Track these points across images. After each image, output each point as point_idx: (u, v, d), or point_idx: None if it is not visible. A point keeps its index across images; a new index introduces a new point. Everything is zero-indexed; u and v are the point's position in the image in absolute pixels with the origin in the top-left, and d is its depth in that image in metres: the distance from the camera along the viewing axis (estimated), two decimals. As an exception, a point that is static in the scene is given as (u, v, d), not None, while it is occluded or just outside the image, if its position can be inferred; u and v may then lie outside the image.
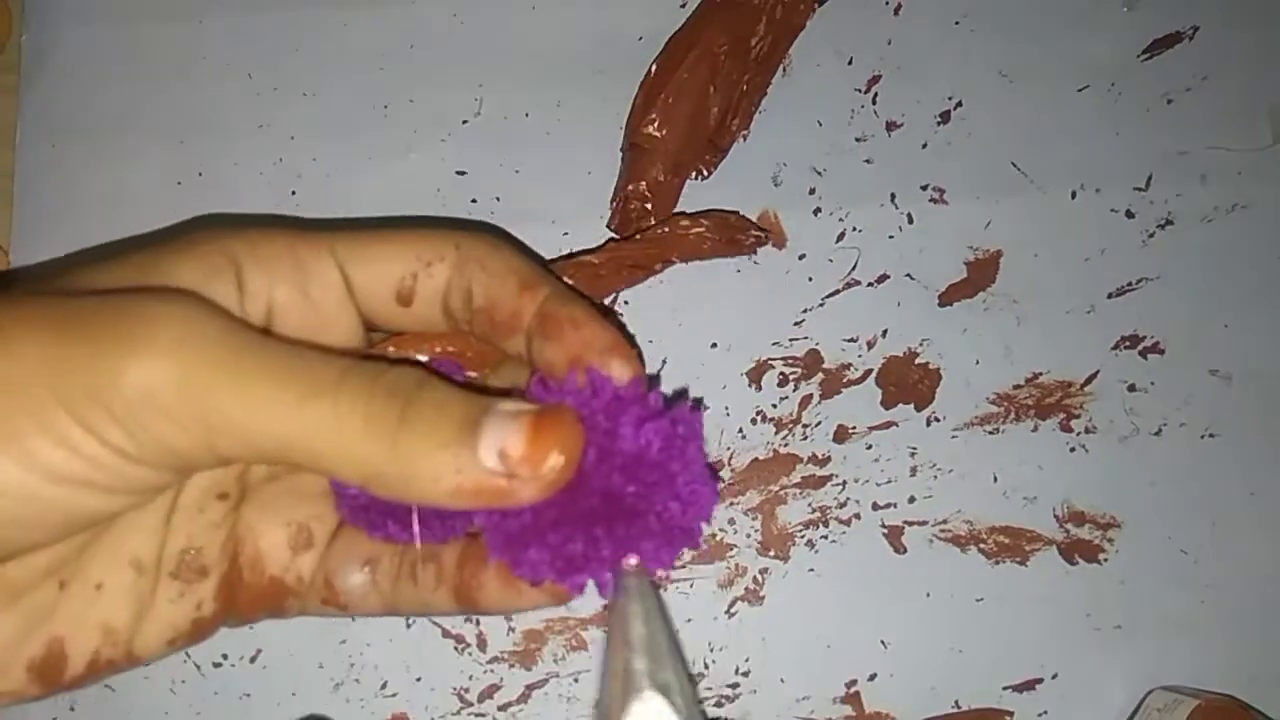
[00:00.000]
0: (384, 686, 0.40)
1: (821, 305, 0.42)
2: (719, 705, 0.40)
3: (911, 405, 0.41)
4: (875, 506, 0.41)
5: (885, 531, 0.41)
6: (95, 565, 0.24)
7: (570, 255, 0.41)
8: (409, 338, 0.29)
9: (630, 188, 0.40)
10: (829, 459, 0.41)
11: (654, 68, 0.41)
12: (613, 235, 0.41)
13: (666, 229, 0.40)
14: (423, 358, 0.29)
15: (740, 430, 0.41)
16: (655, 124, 0.40)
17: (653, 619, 0.23)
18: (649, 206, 0.40)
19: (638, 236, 0.40)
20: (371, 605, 0.28)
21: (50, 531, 0.22)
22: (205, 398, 0.21)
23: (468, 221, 0.42)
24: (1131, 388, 0.42)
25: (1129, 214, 0.42)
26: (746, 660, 0.40)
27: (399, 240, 0.27)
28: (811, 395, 0.41)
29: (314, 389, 0.22)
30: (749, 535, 0.41)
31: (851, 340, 0.42)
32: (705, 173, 0.42)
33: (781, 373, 0.42)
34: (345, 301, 0.26)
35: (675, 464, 0.24)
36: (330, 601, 0.28)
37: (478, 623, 0.40)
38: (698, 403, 0.41)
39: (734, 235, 0.40)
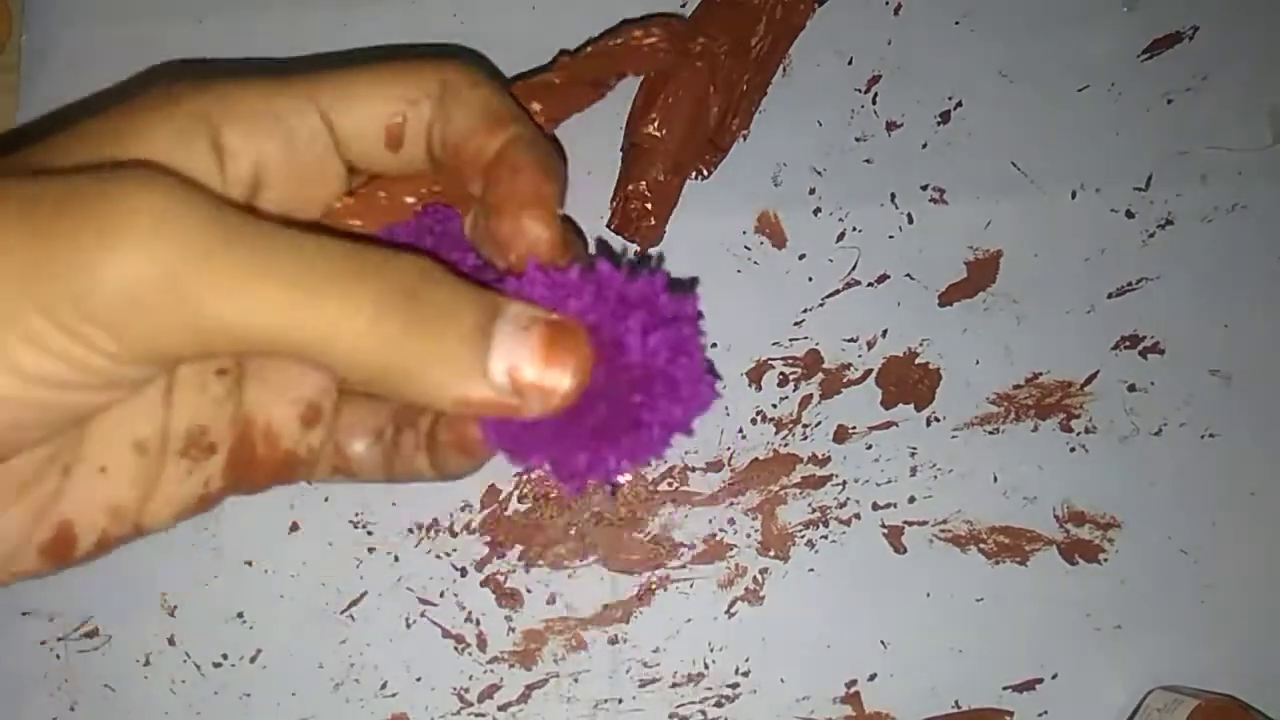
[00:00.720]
0: (384, 686, 0.40)
1: (821, 305, 0.42)
2: (719, 705, 0.40)
3: (911, 405, 0.41)
4: (875, 506, 0.41)
5: (885, 531, 0.41)
6: (98, 449, 0.23)
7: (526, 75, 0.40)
8: (394, 181, 0.28)
9: (630, 187, 0.40)
10: (829, 459, 0.41)
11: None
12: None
13: (619, 40, 0.39)
14: (410, 199, 0.28)
15: (740, 430, 0.41)
16: (655, 124, 0.40)
17: None
18: (649, 206, 0.40)
19: (588, 49, 0.39)
20: (375, 472, 0.28)
21: (45, 430, 0.21)
22: (193, 297, 0.20)
23: (451, 49, 0.41)
24: (1132, 388, 0.42)
25: (1129, 214, 0.42)
26: (746, 660, 0.40)
27: (385, 79, 0.25)
28: (811, 395, 0.41)
29: (313, 285, 0.20)
30: (749, 535, 0.41)
31: (851, 340, 0.42)
32: (705, 172, 0.42)
33: (781, 373, 0.42)
34: (331, 150, 0.25)
35: (680, 371, 0.24)
36: (341, 469, 0.27)
37: (478, 623, 0.40)
38: (694, 283, 0.41)
39: (685, 45, 0.39)
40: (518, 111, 0.26)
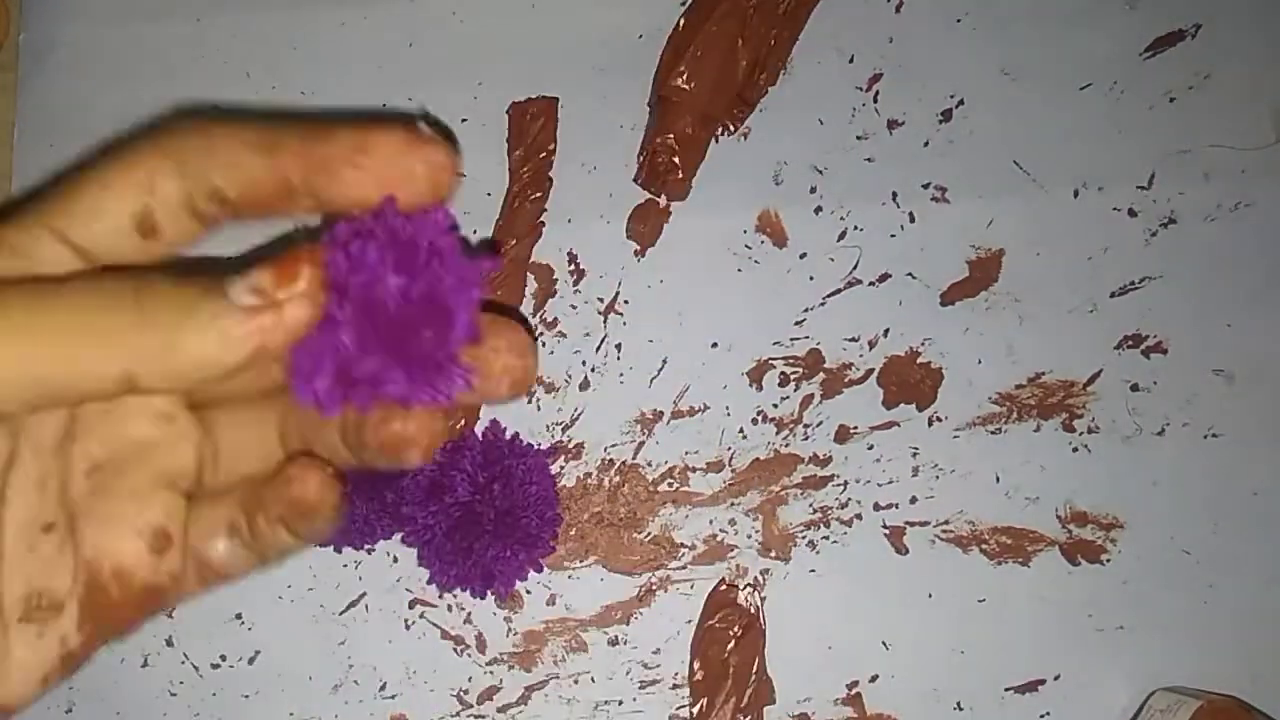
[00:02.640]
0: (383, 688, 0.40)
1: (823, 304, 0.42)
2: (720, 706, 0.40)
3: (913, 405, 0.41)
4: (877, 507, 0.41)
5: (887, 532, 0.41)
6: None
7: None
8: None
9: (658, 140, 0.40)
10: (830, 459, 0.41)
11: (682, 21, 0.41)
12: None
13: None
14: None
15: (741, 430, 0.41)
16: (684, 76, 0.40)
17: None
18: (676, 160, 0.40)
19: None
20: (246, 564, 0.27)
21: None
22: None
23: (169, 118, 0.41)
24: (1134, 387, 0.41)
25: (1131, 212, 0.42)
26: (747, 661, 0.40)
27: (103, 182, 0.24)
28: (813, 395, 0.41)
29: (38, 296, 0.21)
30: (750, 536, 0.41)
31: (853, 339, 0.41)
32: (732, 127, 0.42)
33: (782, 372, 0.41)
34: (81, 265, 0.24)
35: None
36: (208, 578, 0.27)
37: (477, 624, 0.40)
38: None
39: None
40: (275, 127, 0.25)
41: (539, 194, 0.42)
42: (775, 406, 0.41)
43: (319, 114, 0.43)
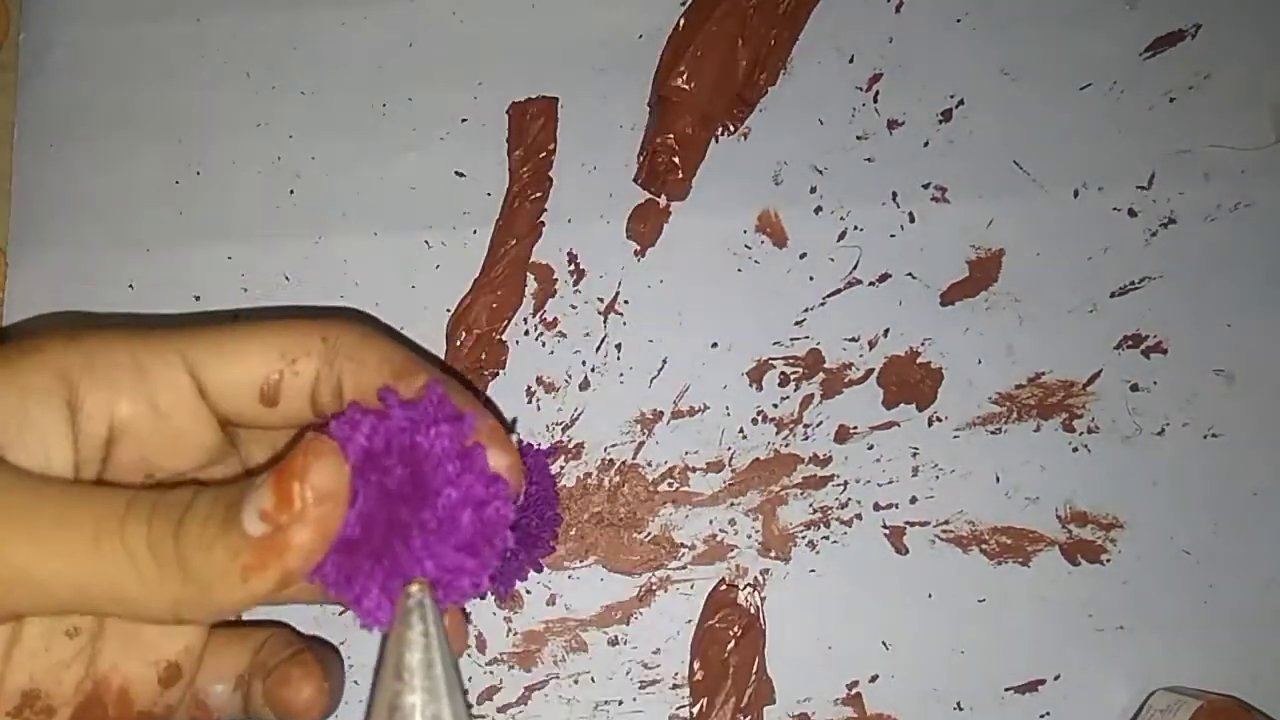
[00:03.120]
0: (383, 688, 0.40)
1: (823, 304, 0.42)
2: (720, 706, 0.40)
3: (913, 405, 0.41)
4: (877, 507, 0.41)
5: (887, 532, 0.41)
6: None
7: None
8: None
9: (658, 140, 0.40)
10: (830, 459, 0.41)
11: (682, 21, 0.41)
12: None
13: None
14: None
15: (741, 430, 0.41)
16: (684, 76, 0.40)
17: (432, 645, 0.22)
18: (676, 160, 0.40)
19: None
20: (234, 712, 0.28)
21: None
22: None
23: (335, 310, 0.41)
24: (1134, 387, 0.41)
25: (1131, 212, 0.42)
26: (747, 661, 0.40)
27: (258, 338, 0.25)
28: (812, 395, 0.41)
29: (99, 528, 0.21)
30: (750, 536, 0.41)
31: (853, 339, 0.41)
32: (733, 126, 0.42)
33: (782, 372, 0.41)
34: (199, 407, 0.25)
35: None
36: (198, 716, 0.27)
37: (477, 624, 0.40)
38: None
39: None
40: (418, 359, 0.25)
41: (539, 194, 0.42)
42: (775, 406, 0.41)
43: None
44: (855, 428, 0.41)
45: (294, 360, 0.25)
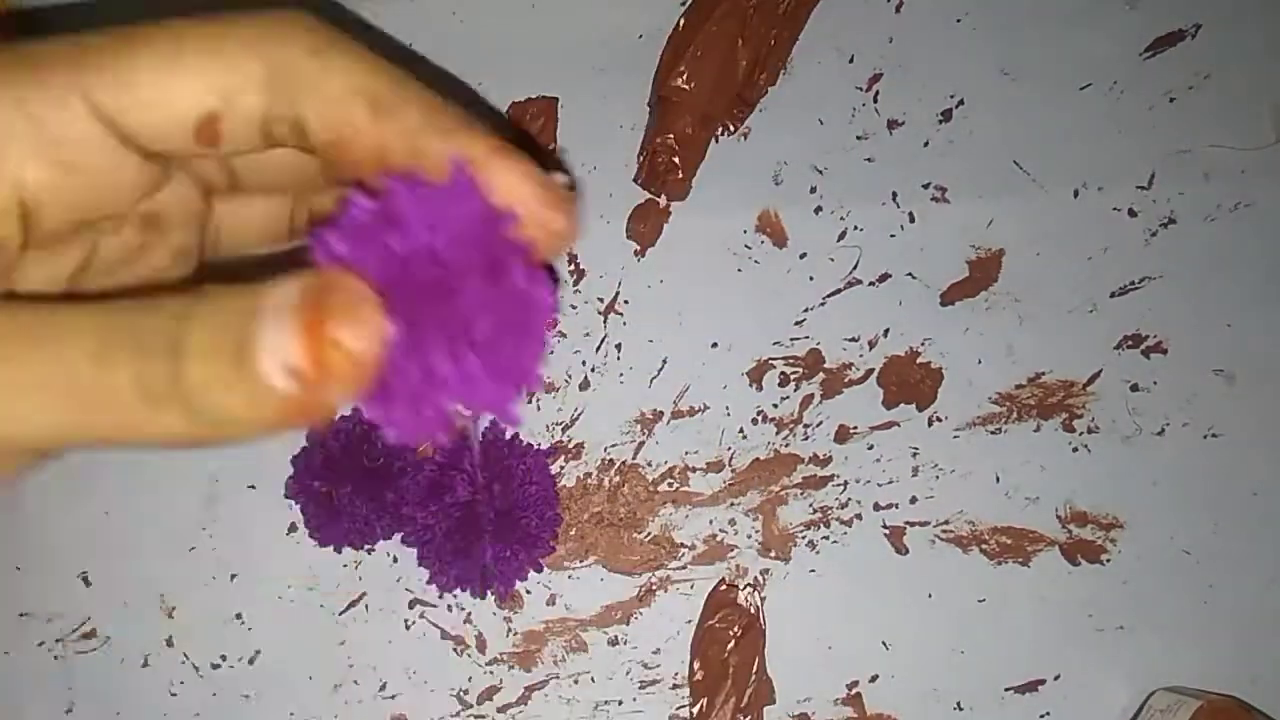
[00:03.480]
0: (383, 688, 0.40)
1: (823, 304, 0.42)
2: (720, 706, 0.40)
3: (913, 405, 0.41)
4: (877, 507, 0.41)
5: (887, 532, 0.41)
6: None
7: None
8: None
9: (658, 140, 0.40)
10: (830, 459, 0.41)
11: (682, 21, 0.41)
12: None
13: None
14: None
15: (741, 430, 0.41)
16: (684, 76, 0.40)
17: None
18: (676, 160, 0.40)
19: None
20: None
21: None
22: None
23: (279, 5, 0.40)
24: (1134, 387, 0.41)
25: (1131, 213, 0.42)
26: (747, 661, 0.40)
27: (181, 69, 0.20)
28: (813, 395, 0.41)
29: (71, 381, 0.18)
30: (750, 536, 0.41)
31: (853, 339, 0.41)
32: (733, 127, 0.42)
33: (782, 372, 0.41)
34: (119, 151, 0.20)
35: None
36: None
37: (477, 624, 0.40)
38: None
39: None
40: (399, 80, 0.20)
41: None
42: (775, 406, 0.41)
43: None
44: (855, 428, 0.41)
45: (230, 94, 0.20)
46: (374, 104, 0.20)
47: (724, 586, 0.40)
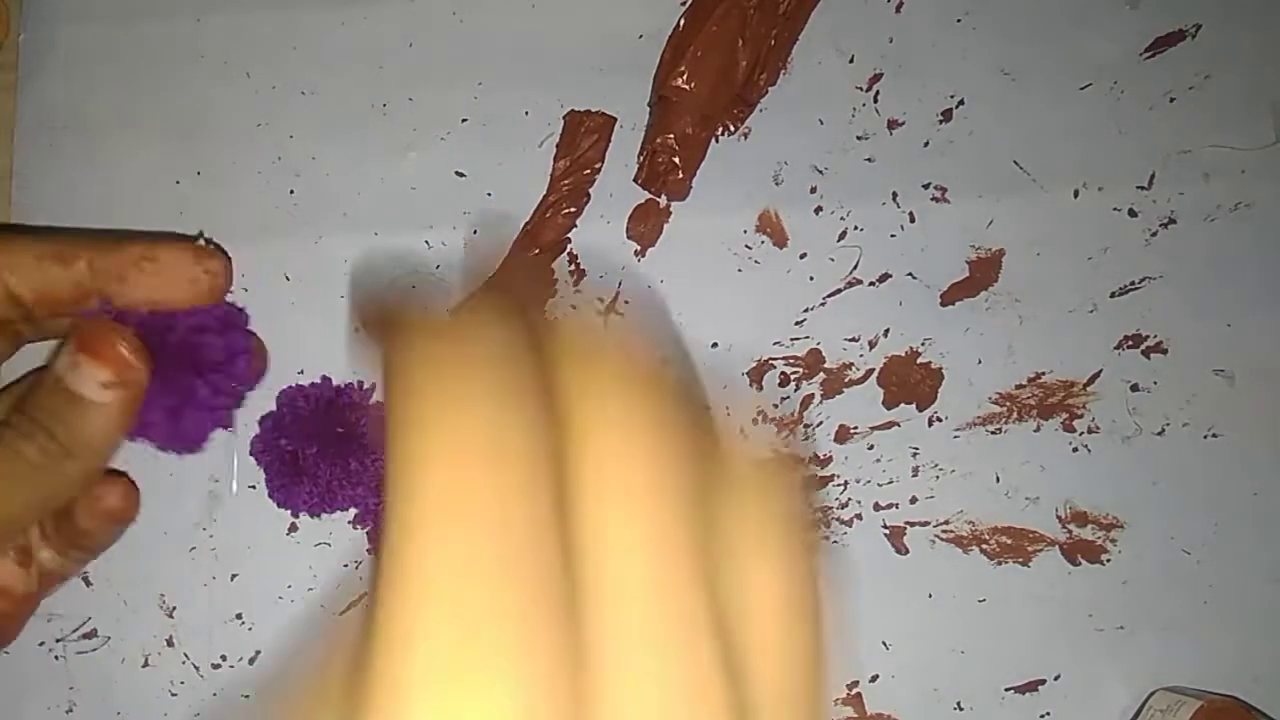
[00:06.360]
0: (383, 688, 0.40)
1: (823, 304, 0.42)
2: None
3: (913, 405, 0.41)
4: (877, 507, 0.41)
5: (887, 532, 0.41)
6: None
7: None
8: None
9: (658, 140, 0.40)
10: (830, 459, 0.41)
11: (682, 21, 0.41)
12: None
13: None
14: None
15: (741, 430, 0.41)
16: (684, 76, 0.40)
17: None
18: (677, 160, 0.40)
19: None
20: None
21: None
22: None
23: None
24: (1134, 387, 0.41)
25: (1132, 213, 0.42)
26: (747, 661, 0.40)
27: None
28: (813, 395, 0.41)
29: None
30: (750, 536, 0.41)
31: (853, 339, 0.41)
32: (732, 127, 0.42)
33: (783, 372, 0.41)
34: None
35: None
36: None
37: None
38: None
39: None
40: (69, 237, 0.28)
41: (573, 209, 0.41)
42: (775, 406, 0.41)
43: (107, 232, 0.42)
44: (855, 428, 0.41)
45: None
46: (56, 257, 0.28)
47: (724, 586, 0.40)
